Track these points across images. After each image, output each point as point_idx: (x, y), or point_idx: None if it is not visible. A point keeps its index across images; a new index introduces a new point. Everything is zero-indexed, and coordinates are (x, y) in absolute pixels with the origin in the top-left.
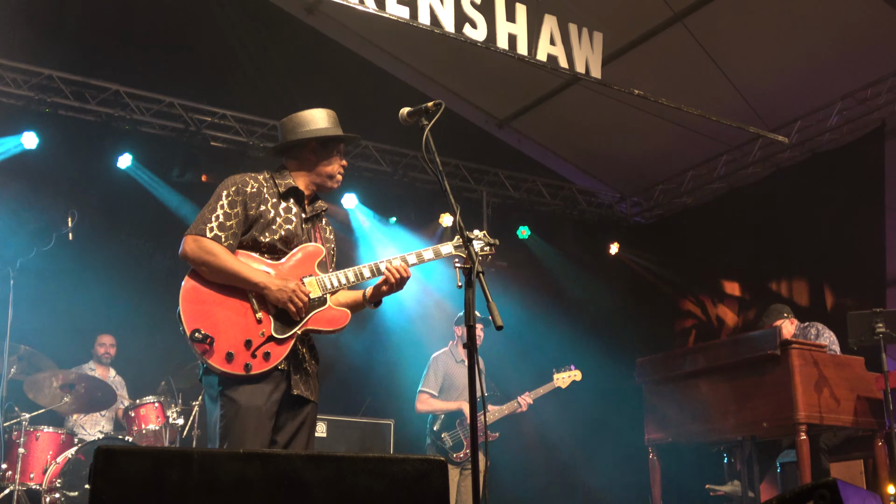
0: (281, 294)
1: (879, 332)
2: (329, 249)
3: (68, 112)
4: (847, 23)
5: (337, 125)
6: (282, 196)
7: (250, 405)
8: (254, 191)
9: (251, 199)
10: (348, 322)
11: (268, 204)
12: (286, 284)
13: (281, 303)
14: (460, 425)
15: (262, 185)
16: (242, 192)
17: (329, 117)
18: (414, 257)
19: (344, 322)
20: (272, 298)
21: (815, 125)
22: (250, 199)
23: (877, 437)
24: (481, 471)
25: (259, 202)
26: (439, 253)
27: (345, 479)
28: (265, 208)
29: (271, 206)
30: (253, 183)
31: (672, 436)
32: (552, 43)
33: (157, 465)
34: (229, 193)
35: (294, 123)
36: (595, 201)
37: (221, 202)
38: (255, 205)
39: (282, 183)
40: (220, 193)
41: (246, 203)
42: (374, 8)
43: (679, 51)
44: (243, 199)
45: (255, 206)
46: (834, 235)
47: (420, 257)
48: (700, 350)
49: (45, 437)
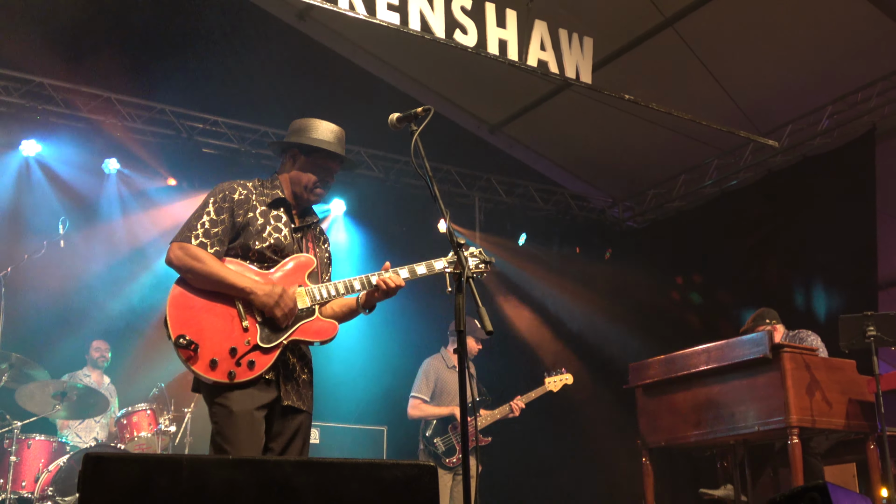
0: (267, 299)
1: (871, 335)
2: (323, 261)
3: (59, 119)
4: (837, 27)
5: (334, 141)
6: (270, 205)
7: (242, 410)
8: (241, 198)
9: (238, 206)
10: (336, 333)
11: (256, 211)
12: (273, 290)
13: (267, 308)
14: (452, 430)
15: (250, 193)
16: (229, 199)
17: (329, 131)
18: (406, 272)
19: (332, 333)
20: (258, 304)
21: (805, 129)
22: (237, 207)
23: (868, 440)
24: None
25: (247, 209)
26: (432, 268)
27: (335, 484)
28: (253, 216)
29: (260, 214)
30: (241, 190)
31: (665, 440)
32: (543, 48)
33: (147, 471)
34: (216, 200)
35: (294, 127)
36: (587, 206)
37: (208, 209)
38: (242, 212)
39: (270, 193)
40: (207, 200)
41: (233, 210)
42: (365, 14)
43: (670, 55)
44: (230, 206)
45: (242, 214)
46: (825, 239)
47: (413, 272)
48: (692, 354)
49: (36, 445)
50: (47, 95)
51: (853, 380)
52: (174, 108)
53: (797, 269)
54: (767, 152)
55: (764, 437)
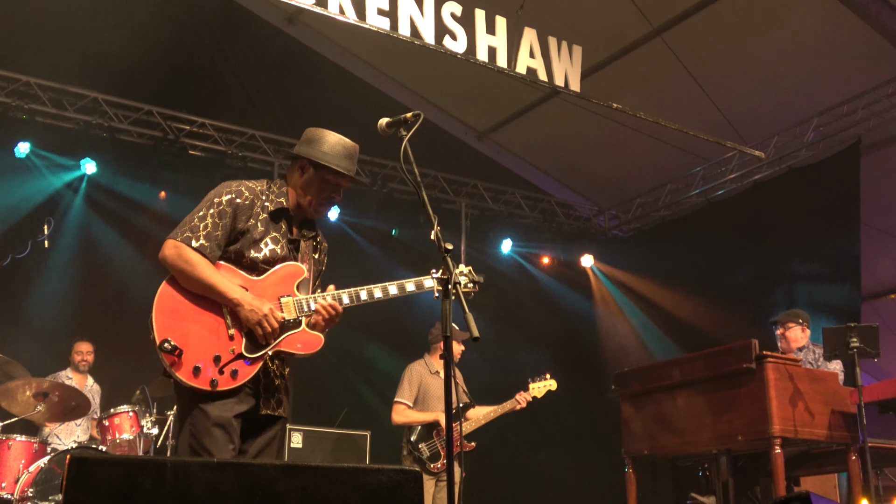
0: (252, 315)
1: (854, 346)
2: (316, 270)
3: (46, 119)
4: (824, 40)
5: (344, 158)
6: (272, 214)
7: (220, 418)
8: (247, 203)
9: (242, 211)
10: (322, 346)
11: (258, 219)
12: (260, 306)
13: (251, 323)
14: (437, 436)
15: (256, 198)
16: (234, 204)
17: (342, 147)
18: (395, 288)
19: (317, 346)
20: (242, 317)
21: (791, 141)
22: (241, 212)
23: (850, 451)
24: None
25: (249, 216)
26: (421, 286)
27: (319, 489)
28: (254, 223)
29: (260, 222)
30: (248, 194)
31: (648, 449)
32: (531, 56)
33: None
34: (221, 202)
35: (307, 136)
36: (573, 214)
37: (212, 210)
38: (244, 217)
39: (275, 201)
40: (211, 200)
41: (236, 215)
42: (355, 19)
43: (657, 65)
44: (234, 211)
45: (244, 220)
46: (810, 250)
47: (402, 289)
48: (676, 363)
49: (17, 446)
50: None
51: (836, 391)
52: (161, 108)
53: (781, 279)
54: (753, 163)
55: (747, 446)
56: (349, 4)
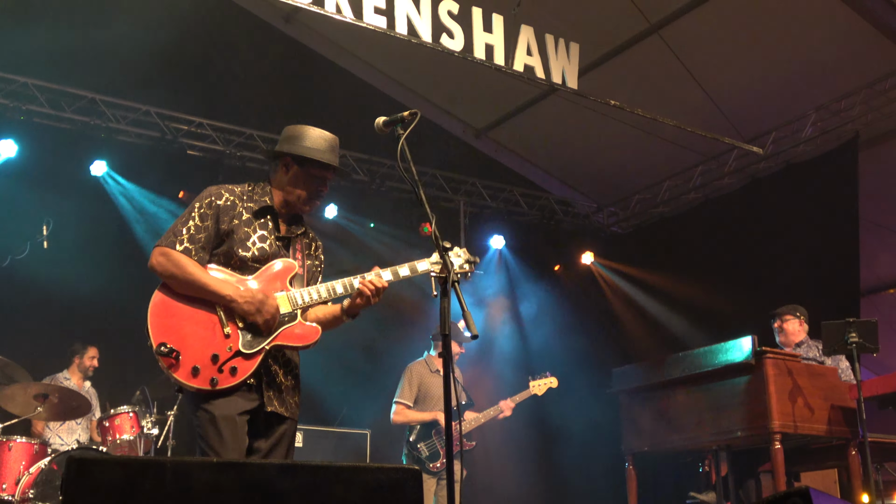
0: (248, 306)
1: (852, 341)
2: (311, 267)
3: (43, 120)
4: (821, 35)
5: (327, 151)
6: (256, 213)
7: (225, 415)
8: (228, 204)
9: (224, 212)
10: (319, 338)
11: (241, 218)
12: (254, 297)
13: (249, 315)
14: (436, 435)
15: (237, 199)
16: (215, 206)
17: (322, 140)
18: (389, 274)
19: (314, 338)
20: (239, 311)
21: (789, 136)
22: (223, 213)
23: (850, 446)
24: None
25: (232, 216)
26: (415, 270)
27: (319, 488)
28: (238, 223)
29: (245, 222)
30: (228, 196)
31: (648, 445)
32: (529, 53)
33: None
34: (202, 206)
35: (287, 134)
36: (572, 211)
37: (193, 214)
38: (227, 218)
39: (259, 200)
40: (193, 205)
41: (218, 217)
42: (352, 17)
43: (655, 62)
44: (215, 213)
45: (227, 220)
46: (808, 245)
47: (395, 274)
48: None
49: (17, 448)
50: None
51: (835, 385)
52: (159, 109)
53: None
54: (751, 159)
55: (746, 442)
56: (346, 3)
